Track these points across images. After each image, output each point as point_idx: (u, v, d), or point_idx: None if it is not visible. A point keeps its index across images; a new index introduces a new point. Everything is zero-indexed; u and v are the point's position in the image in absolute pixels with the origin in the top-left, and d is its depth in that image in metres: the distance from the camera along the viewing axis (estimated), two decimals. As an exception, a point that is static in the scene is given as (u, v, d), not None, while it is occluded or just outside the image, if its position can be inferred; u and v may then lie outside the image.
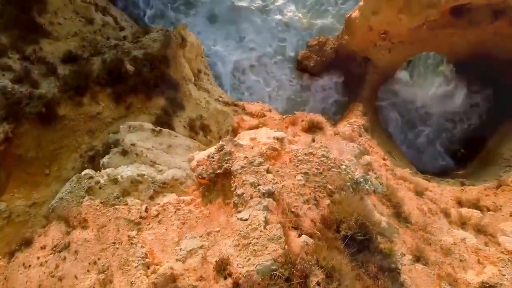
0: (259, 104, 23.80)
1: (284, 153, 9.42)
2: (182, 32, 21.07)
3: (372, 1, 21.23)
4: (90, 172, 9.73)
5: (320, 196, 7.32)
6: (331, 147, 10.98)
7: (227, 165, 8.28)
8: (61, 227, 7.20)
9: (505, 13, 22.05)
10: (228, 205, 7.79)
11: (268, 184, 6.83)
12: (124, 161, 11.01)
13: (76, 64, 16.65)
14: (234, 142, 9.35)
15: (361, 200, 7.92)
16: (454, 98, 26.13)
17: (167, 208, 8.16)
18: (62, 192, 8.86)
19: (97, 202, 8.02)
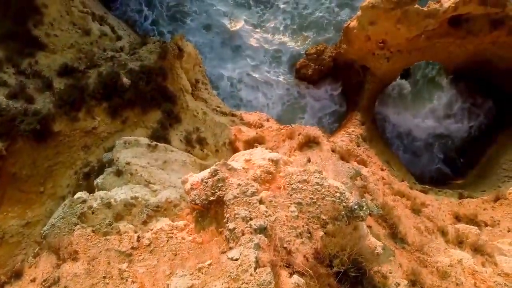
0: (256, 114, 23.71)
1: (278, 176, 9.35)
2: (179, 43, 21.00)
3: (369, 12, 21.16)
4: (83, 195, 9.65)
5: (313, 227, 7.24)
6: (327, 168, 10.91)
7: (220, 193, 8.20)
8: (52, 259, 7.12)
9: (504, 23, 21.98)
10: (221, 235, 7.71)
11: (260, 218, 6.74)
12: (118, 181, 10.93)
13: (72, 77, 16.60)
14: (228, 166, 9.26)
15: (355, 230, 7.84)
16: (452, 108, 26.08)
17: (160, 237, 8.08)
18: (55, 218, 8.77)
19: (88, 231, 7.93)
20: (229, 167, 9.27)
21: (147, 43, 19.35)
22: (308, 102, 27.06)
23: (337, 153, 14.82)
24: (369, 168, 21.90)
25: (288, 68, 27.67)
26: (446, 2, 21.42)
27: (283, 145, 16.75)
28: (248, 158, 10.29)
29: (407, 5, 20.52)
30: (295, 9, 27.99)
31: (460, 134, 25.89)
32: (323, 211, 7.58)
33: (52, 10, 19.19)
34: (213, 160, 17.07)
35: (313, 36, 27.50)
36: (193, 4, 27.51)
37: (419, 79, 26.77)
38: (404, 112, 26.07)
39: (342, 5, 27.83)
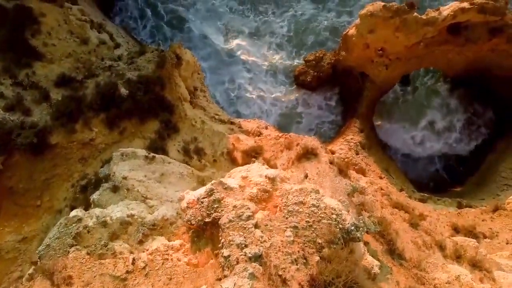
0: (255, 122, 23.66)
1: (275, 194, 9.31)
2: (178, 51, 20.95)
3: (368, 20, 21.12)
4: (79, 213, 9.60)
5: (309, 252, 7.20)
6: (324, 185, 10.87)
7: (215, 214, 8.16)
8: (46, 284, 7.08)
9: (503, 31, 21.94)
10: (217, 258, 7.67)
11: (255, 244, 6.70)
12: (114, 198, 10.89)
13: (69, 87, 16.58)
14: (224, 185, 9.23)
15: (351, 253, 7.79)
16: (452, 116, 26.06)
17: (155, 259, 8.03)
18: (50, 238, 8.72)
19: (83, 253, 7.89)
20: (225, 186, 9.24)
21: (145, 52, 19.31)
22: (306, 108, 27.01)
23: (335, 165, 14.76)
24: (368, 177, 21.89)
25: (287, 75, 27.62)
26: (445, 10, 21.40)
27: (281, 155, 16.71)
28: (245, 175, 10.25)
29: (405, 14, 20.49)
30: (294, 17, 27.97)
31: (461, 150, 25.81)
32: (319, 235, 7.54)
33: (50, 19, 19.16)
34: (211, 171, 17.04)
35: (311, 43, 27.49)
36: (190, 12, 27.45)
37: (418, 86, 26.71)
38: (400, 123, 26.02)
39: (341, 12, 27.80)
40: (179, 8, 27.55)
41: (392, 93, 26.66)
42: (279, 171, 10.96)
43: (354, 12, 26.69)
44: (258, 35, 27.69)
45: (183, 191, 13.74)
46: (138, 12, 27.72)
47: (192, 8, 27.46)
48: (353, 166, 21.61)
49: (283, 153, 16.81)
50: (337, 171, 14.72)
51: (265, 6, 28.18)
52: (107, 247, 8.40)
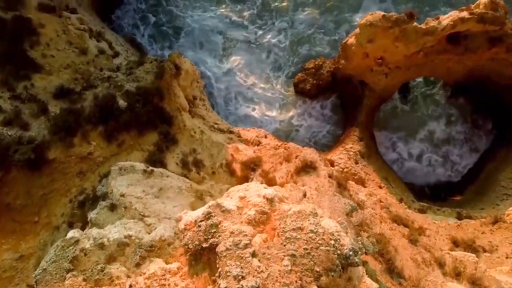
0: (254, 131, 23.59)
1: (273, 216, 9.28)
2: (177, 60, 20.90)
3: (367, 30, 21.06)
4: (76, 234, 9.56)
5: (306, 281, 7.14)
6: (323, 205, 10.81)
7: (213, 240, 8.12)
8: (41, 313, 7.04)
9: (503, 40, 21.89)
10: (214, 285, 7.64)
11: (252, 276, 6.65)
12: (112, 217, 10.84)
13: (68, 99, 16.53)
14: (221, 207, 9.18)
15: (349, 281, 7.75)
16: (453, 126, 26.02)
17: (152, 285, 7.98)
18: (46, 261, 8.67)
19: (80, 280, 7.84)
20: (223, 208, 9.19)
21: (144, 63, 19.27)
22: (305, 117, 26.97)
23: (334, 179, 14.74)
24: (368, 187, 21.84)
25: (286, 82, 27.57)
26: (445, 19, 21.35)
27: (280, 168, 16.66)
28: (242, 195, 10.20)
29: (405, 24, 20.44)
30: (291, 28, 27.94)
31: (460, 148, 25.77)
32: (317, 262, 7.48)
33: (49, 29, 19.13)
34: (209, 183, 16.98)
35: (308, 51, 27.47)
36: (188, 20, 27.39)
37: (417, 95, 26.66)
38: (400, 135, 25.98)
39: (340, 22, 27.78)
40: (178, 16, 27.49)
41: (391, 102, 26.60)
42: (277, 190, 10.91)
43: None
44: (256, 45, 27.65)
45: (181, 205, 13.82)
46: (137, 19, 27.67)
47: (190, 17, 27.40)
48: (352, 176, 21.57)
49: (282, 165, 16.76)
50: (336, 185, 14.71)
51: (264, 18, 28.13)
52: (103, 272, 8.35)
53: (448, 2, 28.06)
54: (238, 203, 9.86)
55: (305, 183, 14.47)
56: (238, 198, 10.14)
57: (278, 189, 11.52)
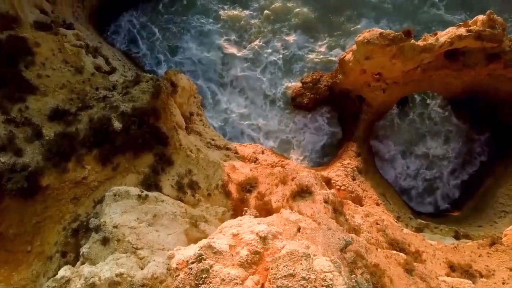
0: (251, 146, 23.53)
1: (266, 255, 9.22)
2: (173, 78, 20.84)
3: (364, 47, 20.99)
4: (67, 273, 9.48)
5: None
6: (317, 241, 10.71)
7: (203, 287, 8.04)
8: None
9: (500, 57, 21.82)
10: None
11: (241, 333, 6.57)
12: (104, 251, 10.75)
13: (63, 121, 16.44)
14: (213, 249, 9.12)
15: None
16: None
17: (142, 332, 7.89)
18: (36, 304, 8.60)
19: (69, 327, 7.75)
20: (214, 250, 9.13)
21: (140, 82, 19.16)
22: (303, 130, 26.90)
23: (330, 204, 14.67)
24: (364, 204, 21.77)
25: (283, 96, 27.49)
26: (442, 36, 21.28)
27: (276, 190, 16.57)
28: (235, 232, 10.14)
29: (402, 42, 20.37)
30: (285, 48, 27.92)
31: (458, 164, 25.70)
32: (308, 313, 7.40)
33: (44, 48, 19.04)
34: (204, 206, 16.89)
35: (301, 67, 27.52)
36: (185, 37, 27.34)
37: (414, 111, 26.59)
38: (398, 149, 25.89)
39: (333, 46, 27.81)
40: (174, 31, 27.45)
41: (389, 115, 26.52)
42: (271, 224, 10.83)
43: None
44: (253, 62, 27.58)
45: (176, 233, 13.75)
46: (134, 33, 27.60)
47: (187, 34, 27.35)
48: (349, 194, 21.50)
49: (278, 187, 16.66)
50: (332, 210, 14.64)
51: (261, 35, 28.12)
52: (93, 317, 8.25)
53: (442, 23, 28.02)
54: (231, 241, 9.80)
55: (300, 209, 14.39)
56: (231, 235, 10.08)
57: (272, 221, 11.44)
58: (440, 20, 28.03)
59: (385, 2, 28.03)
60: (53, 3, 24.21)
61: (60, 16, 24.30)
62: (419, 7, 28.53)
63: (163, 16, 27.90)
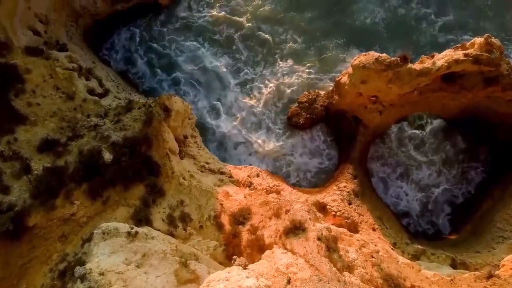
0: (246, 169, 23.23)
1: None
2: (167, 102, 20.55)
3: (360, 71, 20.73)
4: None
5: None
6: (306, 295, 10.42)
7: None
8: None
9: (498, 81, 21.54)
10: None
11: None
12: (89, 304, 10.45)
13: (52, 152, 16.18)
14: (199, 312, 8.80)
15: None
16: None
17: None
18: None
19: None
20: (200, 313, 8.82)
21: (132, 108, 18.90)
22: (299, 149, 26.61)
23: (324, 242, 14.39)
24: (360, 230, 21.48)
25: (279, 115, 27.23)
26: (439, 60, 21.01)
27: (269, 224, 16.28)
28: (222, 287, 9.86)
29: (399, 67, 20.10)
30: (275, 76, 27.77)
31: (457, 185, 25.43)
32: None
33: (35, 75, 18.80)
34: (196, 240, 16.59)
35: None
36: (182, 56, 27.08)
37: (411, 130, 26.34)
38: (394, 171, 25.62)
39: (325, 72, 27.64)
40: (170, 50, 27.20)
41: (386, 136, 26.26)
42: (260, 275, 10.55)
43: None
44: (246, 86, 27.36)
45: (165, 274, 13.44)
46: (130, 51, 27.34)
47: (183, 54, 27.08)
48: (345, 221, 21.22)
49: (271, 221, 16.35)
50: (325, 248, 14.35)
51: (256, 61, 27.95)
52: None
53: (436, 47, 27.81)
54: (218, 299, 9.51)
55: (293, 247, 14.11)
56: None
57: (261, 271, 11.17)
58: (435, 42, 27.74)
59: (379, 25, 27.79)
60: (46, 23, 23.93)
61: (53, 36, 24.03)
62: (414, 29, 28.21)
63: (159, 34, 27.63)
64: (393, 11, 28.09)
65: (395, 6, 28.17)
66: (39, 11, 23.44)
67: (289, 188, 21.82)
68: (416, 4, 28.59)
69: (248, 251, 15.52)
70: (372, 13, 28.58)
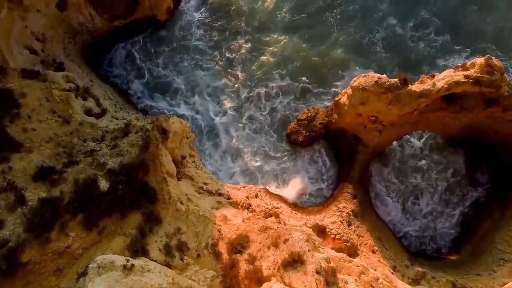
0: (245, 190, 23.01)
1: None
2: (164, 124, 20.36)
3: (360, 93, 20.53)
4: None
5: None
6: None
7: None
8: None
9: (499, 102, 21.35)
10: None
11: None
12: None
13: (48, 180, 15.94)
14: None
15: None
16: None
17: None
18: None
19: None
20: None
21: (129, 132, 18.65)
22: (299, 166, 26.44)
23: (323, 276, 14.21)
24: (360, 253, 21.26)
25: (277, 131, 27.05)
26: (439, 81, 20.81)
27: (267, 255, 16.06)
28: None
29: (398, 90, 19.91)
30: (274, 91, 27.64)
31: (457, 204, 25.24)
32: None
33: (31, 98, 18.56)
34: (193, 270, 16.37)
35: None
36: (180, 78, 26.87)
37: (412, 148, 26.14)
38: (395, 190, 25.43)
39: (324, 88, 27.53)
40: (169, 68, 26.99)
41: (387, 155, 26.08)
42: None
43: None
44: (244, 106, 27.20)
45: (161, 312, 13.21)
46: (128, 68, 27.14)
47: (179, 76, 26.88)
48: (344, 244, 21.01)
49: (270, 251, 16.13)
50: (324, 282, 14.17)
51: (254, 80, 27.79)
52: None
53: (433, 68, 27.69)
54: None
55: (291, 282, 13.96)
56: None
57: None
58: (433, 61, 27.54)
59: (377, 45, 27.60)
60: (43, 41, 23.73)
61: (50, 54, 23.83)
62: (412, 48, 27.98)
63: (157, 51, 27.43)
64: (392, 29, 27.91)
65: (393, 24, 27.99)
66: (36, 30, 23.23)
67: (288, 210, 21.60)
68: (413, 22, 28.39)
69: (246, 283, 15.30)
70: (370, 31, 28.40)
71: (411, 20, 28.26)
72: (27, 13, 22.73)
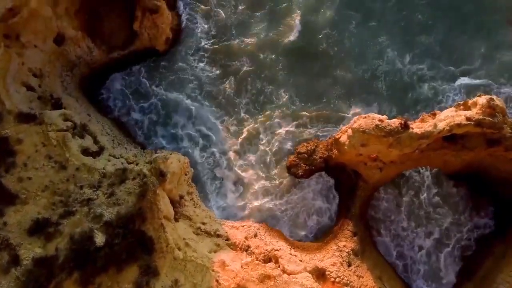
0: (244, 229, 22.75)
1: None
2: (162, 166, 20.07)
3: (360, 135, 20.27)
4: None
5: None
6: None
7: None
8: None
9: (501, 142, 21.09)
10: None
11: None
12: None
13: (43, 234, 15.73)
14: None
15: None
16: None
17: None
18: None
19: None
20: None
21: (126, 179, 18.42)
22: (299, 200, 26.22)
23: None
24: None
25: (276, 163, 26.84)
26: (441, 122, 20.58)
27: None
28: None
29: (399, 134, 19.67)
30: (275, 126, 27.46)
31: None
32: None
33: (27, 144, 18.35)
34: (191, 327, 16.15)
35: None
36: (180, 115, 26.65)
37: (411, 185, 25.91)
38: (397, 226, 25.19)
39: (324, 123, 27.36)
40: (168, 101, 26.76)
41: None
42: None
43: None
44: (246, 142, 27.01)
45: None
46: (125, 98, 26.90)
47: (177, 109, 26.64)
48: (344, 287, 20.75)
49: (268, 307, 15.91)
50: None
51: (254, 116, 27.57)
52: None
53: (433, 102, 27.42)
54: None
55: None
56: None
57: None
58: (433, 98, 27.19)
59: (379, 82, 27.30)
60: (40, 76, 23.49)
61: (48, 89, 23.56)
62: (410, 84, 27.53)
63: (155, 83, 27.15)
64: (392, 63, 27.61)
65: (392, 58, 27.65)
66: (33, 66, 22.99)
67: (287, 251, 21.29)
68: (411, 58, 28.01)
69: None
70: (370, 65, 28.05)
71: (409, 54, 27.63)
72: (24, 49, 22.49)
